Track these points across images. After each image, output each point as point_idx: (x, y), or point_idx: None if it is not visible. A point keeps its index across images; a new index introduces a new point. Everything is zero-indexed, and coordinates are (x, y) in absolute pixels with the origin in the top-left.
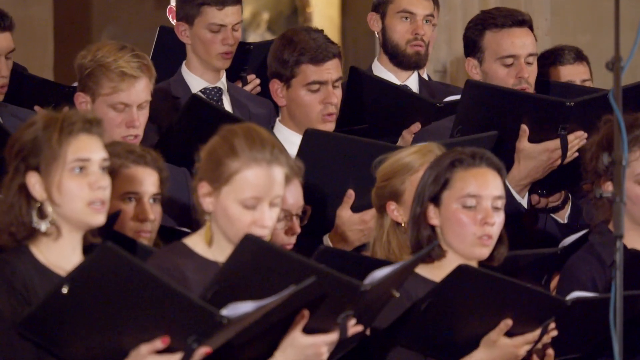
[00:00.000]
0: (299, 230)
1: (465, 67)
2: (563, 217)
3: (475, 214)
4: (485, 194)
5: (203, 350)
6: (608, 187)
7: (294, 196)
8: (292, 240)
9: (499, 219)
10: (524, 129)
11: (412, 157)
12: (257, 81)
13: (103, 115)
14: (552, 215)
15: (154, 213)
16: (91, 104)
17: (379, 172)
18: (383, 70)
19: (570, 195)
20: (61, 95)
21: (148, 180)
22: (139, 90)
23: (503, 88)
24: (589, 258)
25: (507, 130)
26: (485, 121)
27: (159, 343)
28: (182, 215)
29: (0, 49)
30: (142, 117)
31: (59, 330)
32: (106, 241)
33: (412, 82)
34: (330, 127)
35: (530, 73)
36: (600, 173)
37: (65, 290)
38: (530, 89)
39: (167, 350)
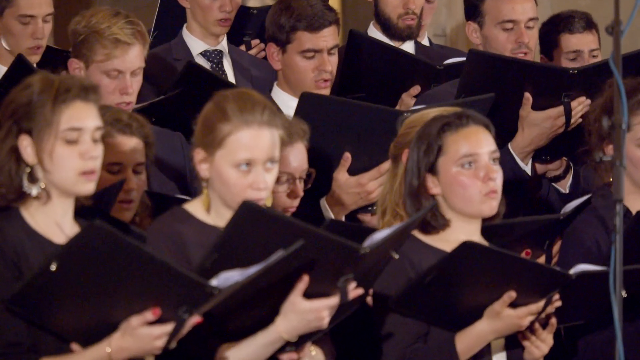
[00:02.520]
0: (301, 193)
1: (466, 31)
2: (564, 186)
3: (476, 172)
4: (481, 151)
5: (194, 320)
6: (610, 151)
7: (298, 159)
8: (295, 203)
9: (499, 172)
10: (527, 96)
11: (438, 111)
12: (262, 46)
13: (96, 82)
14: (553, 184)
15: (137, 182)
16: (85, 70)
17: (404, 123)
18: (379, 35)
19: (571, 165)
20: (61, 60)
21: (132, 151)
22: (133, 57)
23: (506, 57)
24: (593, 221)
25: (510, 98)
26: (488, 90)
27: (150, 315)
28: (178, 179)
29: (37, 12)
30: (135, 84)
31: (48, 305)
32: (95, 219)
33: (407, 47)
34: (324, 93)
35: (531, 38)
36: (603, 136)
37: (53, 267)
38: (531, 54)
39: (158, 321)
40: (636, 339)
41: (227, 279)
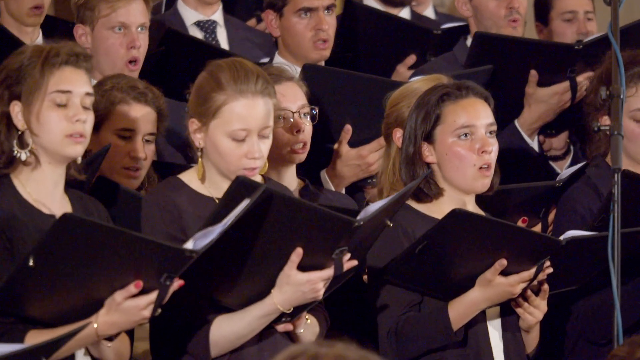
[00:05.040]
0: (303, 127)
1: (455, 4)
2: (562, 167)
3: (472, 143)
4: (479, 123)
5: (177, 284)
6: (605, 121)
7: (292, 94)
8: (301, 137)
9: (495, 146)
10: (534, 73)
11: (420, 83)
12: None
13: (104, 41)
14: (551, 163)
15: (147, 152)
16: (91, 34)
17: (388, 102)
18: (374, 4)
19: (572, 148)
20: (64, 30)
21: (145, 119)
22: (137, 11)
23: (511, 37)
24: (586, 189)
25: (516, 76)
26: (495, 71)
27: (133, 288)
28: (185, 150)
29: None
30: (142, 41)
31: (29, 298)
32: (65, 212)
33: (403, 15)
34: (324, 55)
35: (520, 3)
36: (598, 107)
37: (31, 262)
38: (521, 20)
39: (142, 291)
40: (627, 300)
41: (202, 237)
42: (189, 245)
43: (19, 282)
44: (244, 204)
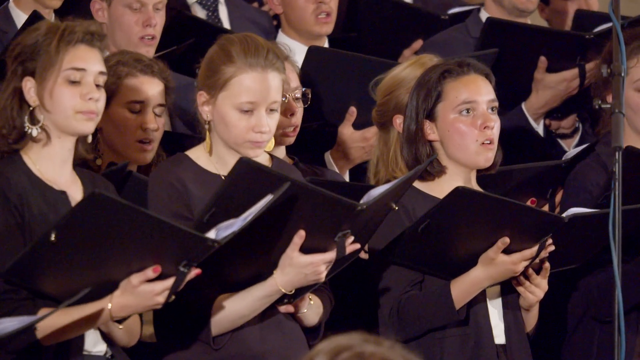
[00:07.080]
0: (296, 110)
1: None
2: (569, 145)
3: (473, 120)
4: (480, 98)
5: (194, 272)
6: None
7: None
8: (293, 121)
9: (497, 122)
10: (543, 60)
11: (408, 70)
12: None
13: (120, 17)
14: (559, 141)
15: (158, 123)
16: (107, 10)
17: (378, 90)
18: None
19: (580, 126)
20: (72, 2)
21: (154, 90)
22: None
23: (523, 24)
24: (595, 166)
25: (525, 61)
26: (504, 56)
27: (151, 272)
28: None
29: None
30: (158, 19)
31: (46, 273)
32: (94, 190)
33: None
34: (326, 29)
35: None
36: (606, 85)
37: (53, 237)
38: None
39: (159, 277)
40: (631, 277)
41: (225, 228)
42: (212, 234)
43: (38, 256)
44: (267, 199)
